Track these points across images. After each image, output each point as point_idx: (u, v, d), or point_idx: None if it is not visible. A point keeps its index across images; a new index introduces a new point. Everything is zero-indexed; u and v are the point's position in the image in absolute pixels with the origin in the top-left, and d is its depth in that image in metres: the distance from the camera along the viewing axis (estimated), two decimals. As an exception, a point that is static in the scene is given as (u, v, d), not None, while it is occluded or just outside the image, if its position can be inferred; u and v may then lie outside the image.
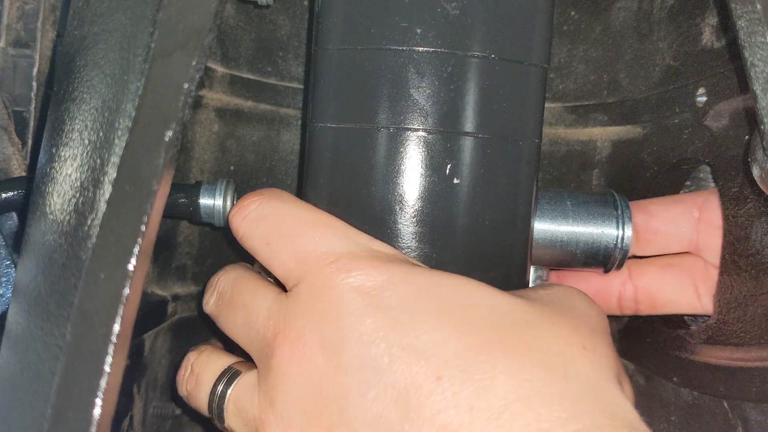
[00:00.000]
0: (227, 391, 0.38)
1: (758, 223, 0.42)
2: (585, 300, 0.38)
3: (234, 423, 0.37)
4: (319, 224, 0.36)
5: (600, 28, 0.53)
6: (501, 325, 0.33)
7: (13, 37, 0.51)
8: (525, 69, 0.39)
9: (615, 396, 0.32)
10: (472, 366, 0.31)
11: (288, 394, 0.34)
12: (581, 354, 0.33)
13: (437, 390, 0.31)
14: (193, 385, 0.39)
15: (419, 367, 0.31)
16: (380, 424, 0.31)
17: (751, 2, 0.32)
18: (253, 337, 0.37)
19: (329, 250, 0.35)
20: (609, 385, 0.32)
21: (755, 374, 0.41)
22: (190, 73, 0.30)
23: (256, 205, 0.38)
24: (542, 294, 0.37)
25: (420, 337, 0.32)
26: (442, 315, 0.33)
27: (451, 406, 0.30)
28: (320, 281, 0.34)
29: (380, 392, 0.31)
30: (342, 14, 0.39)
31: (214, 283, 0.41)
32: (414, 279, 0.34)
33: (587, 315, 0.36)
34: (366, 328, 0.32)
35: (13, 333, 0.34)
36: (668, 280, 0.48)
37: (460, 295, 0.34)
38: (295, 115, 0.55)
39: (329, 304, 0.34)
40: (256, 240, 0.37)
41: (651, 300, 0.48)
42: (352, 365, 0.32)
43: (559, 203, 0.44)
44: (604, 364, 0.33)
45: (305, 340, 0.34)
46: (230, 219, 0.39)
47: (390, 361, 0.32)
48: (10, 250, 0.49)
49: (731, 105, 0.44)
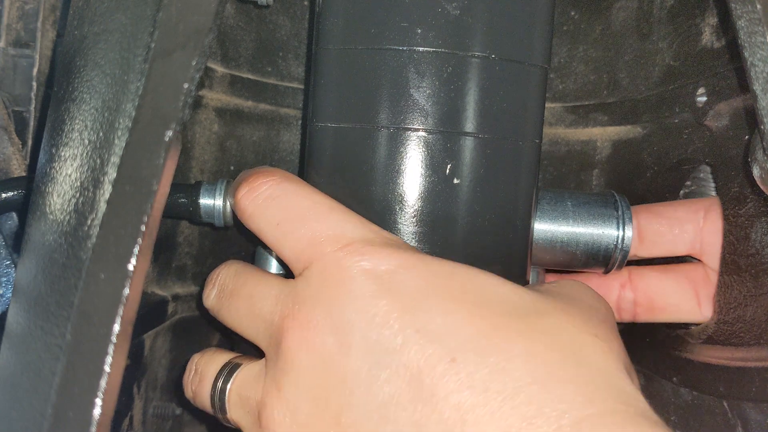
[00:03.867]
0: (229, 382, 0.37)
1: (758, 223, 0.42)
2: (592, 293, 0.38)
3: (237, 413, 0.37)
4: (333, 209, 0.36)
5: (600, 28, 0.53)
6: (514, 312, 0.33)
7: (13, 37, 0.51)
8: (525, 69, 0.39)
9: (626, 384, 0.32)
10: (486, 349, 0.31)
11: (297, 378, 0.33)
12: (593, 342, 0.33)
13: (452, 371, 0.31)
14: (197, 383, 0.39)
15: (433, 349, 0.31)
16: (391, 405, 0.31)
17: (751, 2, 0.32)
18: (259, 326, 0.36)
19: (343, 234, 0.35)
20: (620, 374, 0.32)
21: (755, 374, 0.41)
22: (190, 73, 0.30)
23: (268, 185, 0.37)
24: (549, 287, 0.37)
25: (434, 320, 0.32)
26: (455, 300, 0.33)
27: (466, 386, 0.30)
28: (333, 263, 0.34)
29: (392, 373, 0.31)
30: (342, 14, 0.39)
31: (215, 276, 0.40)
32: (426, 266, 0.34)
33: (596, 307, 0.36)
34: (379, 310, 0.32)
35: (13, 333, 0.34)
36: (668, 284, 0.48)
37: (472, 283, 0.34)
38: (295, 115, 0.55)
39: (341, 286, 0.33)
40: (265, 220, 0.37)
41: (650, 303, 0.48)
42: (364, 347, 0.32)
43: (559, 204, 0.44)
44: (614, 353, 0.33)
45: (316, 322, 0.33)
46: (237, 198, 0.38)
47: (403, 342, 0.32)
48: (10, 250, 0.49)
49: (731, 105, 0.44)
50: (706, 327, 0.46)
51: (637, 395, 0.32)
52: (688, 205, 0.47)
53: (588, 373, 0.32)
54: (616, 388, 0.31)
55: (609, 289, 0.49)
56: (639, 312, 0.48)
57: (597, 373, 0.32)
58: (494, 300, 0.33)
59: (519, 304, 0.34)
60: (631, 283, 0.48)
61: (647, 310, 0.48)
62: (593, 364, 0.32)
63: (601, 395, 0.31)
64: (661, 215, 0.47)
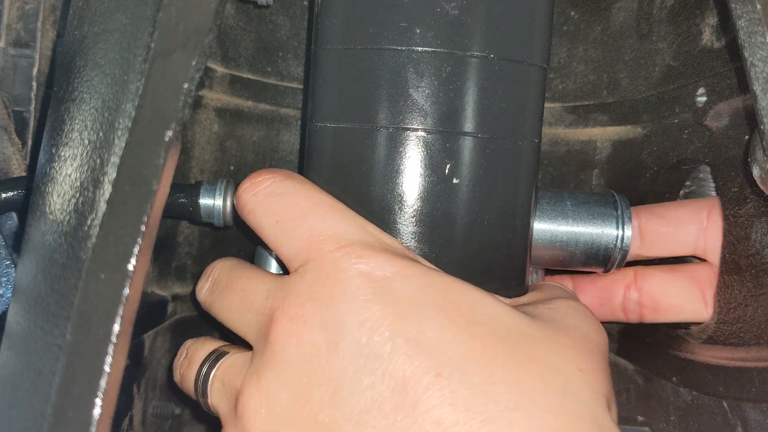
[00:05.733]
0: (214, 368, 0.37)
1: (758, 223, 0.42)
2: (587, 318, 0.38)
3: (217, 399, 0.37)
4: (334, 209, 0.36)
5: (600, 28, 0.53)
6: (504, 334, 0.33)
7: (13, 37, 0.51)
8: (525, 69, 0.39)
9: (606, 419, 0.33)
10: (472, 369, 0.31)
11: (280, 370, 0.33)
12: (578, 376, 0.33)
13: (436, 386, 0.31)
14: (185, 367, 0.39)
15: (420, 361, 0.31)
16: (373, 410, 0.31)
17: (751, 2, 0.32)
18: (250, 319, 0.36)
19: (342, 235, 0.35)
20: (601, 408, 0.33)
21: (755, 374, 0.41)
22: (190, 73, 0.30)
23: (270, 182, 0.37)
24: (544, 310, 0.37)
25: (425, 332, 0.32)
26: (448, 315, 0.33)
27: (448, 403, 0.30)
28: (330, 263, 0.34)
29: (377, 380, 0.31)
30: (341, 14, 0.39)
31: (210, 271, 0.40)
32: (423, 277, 0.34)
33: (588, 336, 0.36)
34: (371, 314, 0.32)
35: (13, 333, 0.34)
36: (674, 284, 0.47)
37: (467, 300, 0.34)
38: (295, 115, 0.55)
39: (336, 286, 0.33)
40: (266, 217, 0.37)
41: (655, 304, 0.48)
42: (352, 349, 0.32)
43: (558, 203, 0.44)
44: (597, 387, 0.34)
45: (305, 318, 0.33)
46: (239, 194, 0.38)
47: (392, 350, 0.32)
48: (10, 250, 0.49)
49: (731, 105, 0.44)
50: (706, 327, 0.46)
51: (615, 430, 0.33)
52: (690, 205, 0.47)
53: (571, 405, 0.32)
54: (597, 422, 0.32)
55: (614, 290, 0.49)
56: (645, 313, 0.48)
57: (579, 406, 0.32)
58: (486, 320, 0.33)
59: (510, 327, 0.34)
60: (636, 284, 0.48)
61: (653, 311, 0.48)
62: (576, 396, 0.32)
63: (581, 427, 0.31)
64: (664, 216, 0.47)
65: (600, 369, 0.35)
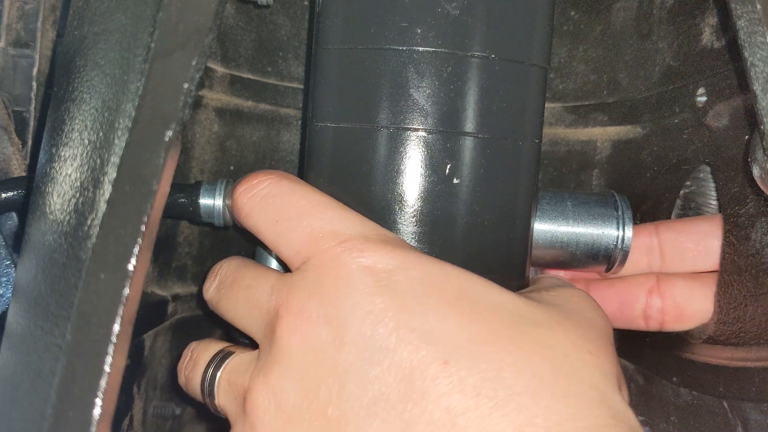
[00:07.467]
0: (220, 369, 0.37)
1: (758, 223, 0.42)
2: (591, 304, 0.38)
3: (224, 399, 0.37)
4: (331, 207, 0.36)
5: (600, 28, 0.53)
6: (509, 320, 0.33)
7: (13, 37, 0.51)
8: (525, 69, 0.39)
9: (617, 400, 0.32)
10: (479, 355, 0.31)
11: (287, 366, 0.33)
12: (587, 359, 0.33)
13: (444, 374, 0.31)
14: (190, 369, 0.39)
15: (427, 351, 0.31)
16: (381, 402, 0.31)
17: (751, 2, 0.32)
18: (256, 315, 0.36)
19: (342, 230, 0.35)
20: (611, 390, 0.33)
21: (755, 374, 0.41)
22: (190, 73, 0.30)
23: (267, 184, 0.37)
24: (548, 296, 0.37)
25: (429, 321, 0.32)
26: (452, 304, 0.33)
27: (457, 390, 0.30)
28: (330, 258, 0.34)
29: (384, 371, 0.31)
30: (342, 14, 0.39)
31: (216, 269, 0.40)
32: (425, 266, 0.34)
33: (593, 319, 0.36)
34: (375, 307, 0.32)
35: (13, 333, 0.34)
36: (698, 290, 0.46)
37: (470, 287, 0.34)
38: (295, 115, 0.55)
39: (338, 280, 0.33)
40: (264, 218, 0.37)
41: (679, 311, 0.46)
42: (357, 342, 0.32)
43: (559, 204, 0.44)
44: (607, 369, 0.34)
45: (310, 313, 0.33)
46: (235, 196, 0.38)
47: (397, 341, 0.32)
48: (10, 250, 0.49)
49: (731, 105, 0.44)
50: (706, 327, 0.46)
51: (627, 411, 0.32)
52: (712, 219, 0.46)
53: (581, 388, 0.32)
54: (607, 404, 0.32)
55: (635, 296, 0.47)
56: (667, 320, 0.47)
57: (589, 388, 0.32)
58: (491, 306, 0.33)
59: (515, 313, 0.34)
60: (660, 289, 0.47)
61: (676, 319, 0.46)
62: (586, 380, 0.32)
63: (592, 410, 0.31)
64: (686, 231, 0.46)
65: (608, 352, 0.35)
